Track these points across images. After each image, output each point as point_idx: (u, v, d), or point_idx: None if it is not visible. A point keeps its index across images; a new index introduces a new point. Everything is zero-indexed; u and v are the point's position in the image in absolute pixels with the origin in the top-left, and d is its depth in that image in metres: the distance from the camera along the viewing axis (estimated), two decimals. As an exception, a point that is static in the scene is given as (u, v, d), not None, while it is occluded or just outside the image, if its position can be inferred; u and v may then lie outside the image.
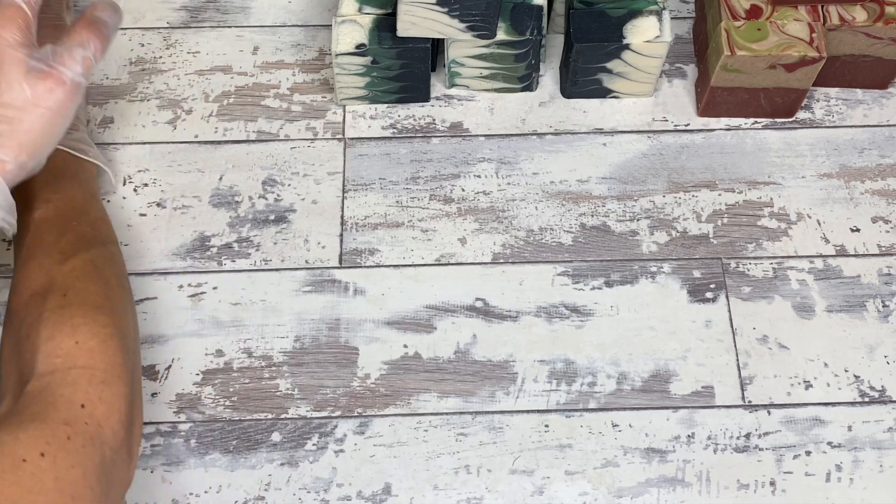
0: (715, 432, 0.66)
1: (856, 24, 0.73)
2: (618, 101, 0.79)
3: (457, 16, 0.71)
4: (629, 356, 0.68)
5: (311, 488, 0.64)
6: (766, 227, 0.73)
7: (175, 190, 0.75)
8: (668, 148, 0.77)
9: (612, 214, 0.74)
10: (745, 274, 0.71)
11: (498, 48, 0.74)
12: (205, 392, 0.67)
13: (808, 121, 0.78)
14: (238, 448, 0.65)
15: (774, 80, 0.74)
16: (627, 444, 0.65)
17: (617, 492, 0.64)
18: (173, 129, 0.77)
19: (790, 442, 0.65)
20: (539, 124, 0.78)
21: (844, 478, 0.64)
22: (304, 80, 0.80)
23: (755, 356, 0.68)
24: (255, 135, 0.77)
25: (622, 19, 0.73)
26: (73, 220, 0.63)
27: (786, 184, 0.75)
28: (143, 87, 0.80)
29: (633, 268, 0.72)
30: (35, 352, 0.54)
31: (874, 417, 0.66)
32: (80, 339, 0.54)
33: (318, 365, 0.68)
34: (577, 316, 0.70)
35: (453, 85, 0.79)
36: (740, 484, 0.64)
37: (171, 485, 0.64)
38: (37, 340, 0.55)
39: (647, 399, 0.67)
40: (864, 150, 0.77)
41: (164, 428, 0.65)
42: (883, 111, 0.79)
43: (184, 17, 0.84)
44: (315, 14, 0.84)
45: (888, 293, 0.71)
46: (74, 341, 0.54)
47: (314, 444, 0.65)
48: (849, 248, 0.73)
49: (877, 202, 0.75)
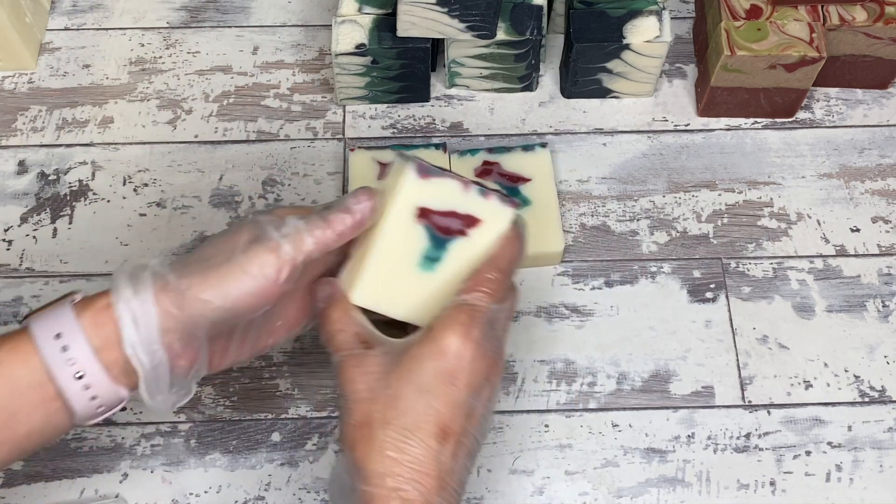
0: (715, 432, 0.66)
1: (856, 24, 0.73)
2: (618, 101, 0.79)
3: (457, 16, 0.71)
4: (629, 356, 0.68)
5: (311, 488, 0.64)
6: (766, 227, 0.73)
7: (175, 190, 0.75)
8: (668, 148, 0.77)
9: (612, 214, 0.74)
10: (745, 274, 0.71)
11: (498, 48, 0.74)
12: (205, 392, 0.67)
13: (808, 121, 0.78)
14: (238, 448, 0.65)
15: (774, 80, 0.74)
16: (627, 444, 0.65)
17: (617, 492, 0.64)
18: (173, 129, 0.77)
19: (790, 442, 0.65)
20: (539, 124, 0.78)
21: (844, 478, 0.64)
22: (304, 80, 0.80)
23: (755, 356, 0.68)
24: (255, 135, 0.77)
25: (622, 19, 0.73)
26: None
27: (786, 184, 0.75)
28: (143, 87, 0.80)
29: (633, 268, 0.72)
30: None
31: (874, 417, 0.66)
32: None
33: (318, 365, 0.68)
34: (577, 316, 0.70)
35: (453, 85, 0.79)
36: (740, 484, 0.64)
37: (171, 485, 0.64)
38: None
39: (647, 399, 0.67)
40: (864, 150, 0.77)
41: (164, 428, 0.66)
42: (883, 111, 0.79)
43: (184, 17, 0.84)
44: (315, 14, 0.84)
45: (888, 293, 0.71)
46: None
47: (314, 444, 0.65)
48: (849, 248, 0.73)
49: (877, 202, 0.75)
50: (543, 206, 0.70)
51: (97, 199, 0.74)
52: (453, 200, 0.54)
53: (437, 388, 0.49)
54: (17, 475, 0.64)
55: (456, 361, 0.50)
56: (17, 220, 0.73)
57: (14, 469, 0.64)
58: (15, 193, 0.74)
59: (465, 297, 0.52)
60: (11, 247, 0.72)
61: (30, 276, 0.71)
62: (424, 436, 0.49)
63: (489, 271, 0.53)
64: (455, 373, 0.50)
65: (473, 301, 0.52)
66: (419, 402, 0.49)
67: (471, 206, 0.55)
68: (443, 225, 0.54)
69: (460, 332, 0.50)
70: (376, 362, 0.51)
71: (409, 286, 0.54)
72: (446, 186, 0.54)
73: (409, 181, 0.53)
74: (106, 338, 0.47)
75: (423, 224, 0.54)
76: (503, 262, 0.54)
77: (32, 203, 0.74)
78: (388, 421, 0.49)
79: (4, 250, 0.72)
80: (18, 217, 0.73)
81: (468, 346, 0.50)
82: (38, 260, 0.71)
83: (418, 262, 0.54)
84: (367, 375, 0.50)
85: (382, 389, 0.50)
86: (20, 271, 0.71)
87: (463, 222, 0.55)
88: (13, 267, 0.71)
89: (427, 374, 0.49)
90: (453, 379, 0.50)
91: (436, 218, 0.54)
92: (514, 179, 0.72)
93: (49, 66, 0.81)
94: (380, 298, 0.54)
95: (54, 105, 0.78)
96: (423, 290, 0.54)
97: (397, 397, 0.49)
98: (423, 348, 0.50)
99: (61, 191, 0.74)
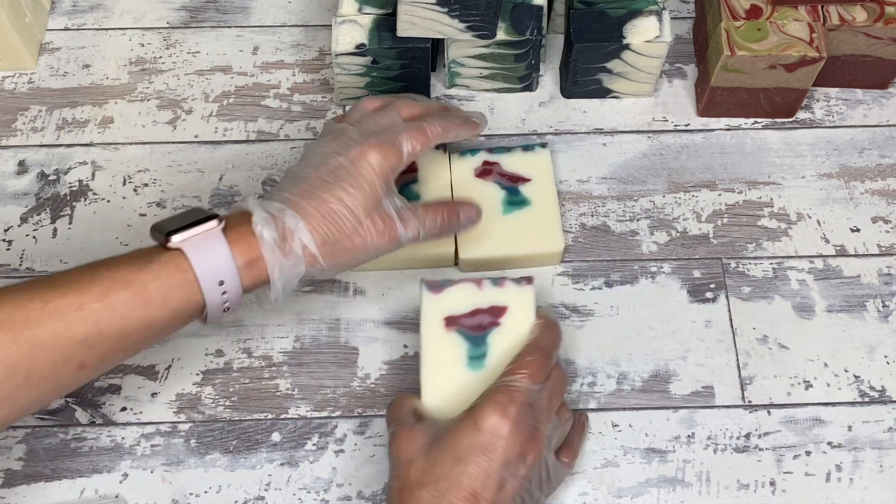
0: (715, 432, 0.66)
1: (856, 24, 0.73)
2: (618, 101, 0.79)
3: (457, 16, 0.71)
4: (629, 356, 0.68)
5: (311, 488, 0.64)
6: (766, 227, 0.73)
7: (175, 190, 0.75)
8: (668, 148, 0.77)
9: (612, 214, 0.74)
10: (745, 274, 0.71)
11: (498, 48, 0.74)
12: (205, 392, 0.67)
13: (808, 121, 0.78)
14: (238, 448, 0.65)
15: (774, 80, 0.74)
16: (627, 444, 0.65)
17: (617, 492, 0.64)
18: (173, 129, 0.77)
19: (790, 442, 0.65)
20: (539, 124, 0.78)
21: (844, 478, 0.64)
22: (304, 80, 0.80)
23: (755, 356, 0.68)
24: (255, 135, 0.77)
25: (622, 19, 0.73)
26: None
27: (786, 184, 0.75)
28: (143, 87, 0.80)
29: (633, 268, 0.72)
30: None
31: (874, 417, 0.66)
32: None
33: (318, 365, 0.68)
34: (577, 316, 0.70)
35: (453, 85, 0.79)
36: (740, 484, 0.64)
37: (171, 485, 0.64)
38: None
39: (647, 399, 0.67)
40: (864, 150, 0.77)
41: (164, 428, 0.66)
42: (883, 111, 0.79)
43: (184, 17, 0.84)
44: (315, 14, 0.84)
45: (888, 293, 0.71)
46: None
47: (314, 444, 0.65)
48: (849, 248, 0.73)
49: (877, 202, 0.75)
50: (543, 206, 0.70)
51: (97, 200, 0.74)
52: (472, 300, 0.62)
53: (471, 458, 0.54)
54: (17, 475, 0.64)
55: (491, 436, 0.55)
56: (17, 220, 0.73)
57: (14, 469, 0.64)
58: (15, 193, 0.74)
59: (505, 380, 0.57)
60: (11, 247, 0.72)
61: (30, 276, 0.71)
62: (455, 498, 0.53)
63: (529, 355, 0.59)
64: (489, 446, 0.54)
65: (512, 382, 0.57)
66: (454, 469, 0.54)
67: (491, 298, 0.62)
68: (473, 324, 0.61)
69: (497, 410, 0.55)
70: (423, 434, 0.57)
71: (467, 388, 0.59)
72: (460, 291, 0.62)
73: (425, 300, 0.61)
74: (251, 266, 0.56)
75: (455, 330, 0.61)
76: (543, 344, 0.60)
77: (32, 203, 0.74)
78: (425, 484, 0.54)
79: (4, 250, 0.72)
80: (18, 217, 0.73)
81: (504, 423, 0.55)
82: (38, 260, 0.71)
83: (466, 364, 0.60)
84: (413, 443, 0.56)
85: (424, 457, 0.55)
86: (20, 271, 0.71)
87: (490, 314, 0.61)
88: (13, 267, 0.71)
89: (463, 445, 0.55)
90: (487, 451, 0.54)
91: (464, 321, 0.61)
92: (514, 179, 0.72)
93: (49, 66, 0.81)
94: (445, 408, 0.59)
95: (54, 105, 0.78)
96: (482, 388, 0.59)
97: (434, 464, 0.54)
98: (462, 423, 0.56)
99: (61, 191, 0.74)
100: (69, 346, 0.51)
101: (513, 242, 0.69)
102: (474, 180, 0.71)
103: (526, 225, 0.69)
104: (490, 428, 0.55)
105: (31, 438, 0.65)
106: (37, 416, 0.65)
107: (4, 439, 0.65)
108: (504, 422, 0.55)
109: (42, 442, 0.65)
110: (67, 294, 0.51)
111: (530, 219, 0.70)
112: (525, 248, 0.69)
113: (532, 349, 0.60)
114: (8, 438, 0.65)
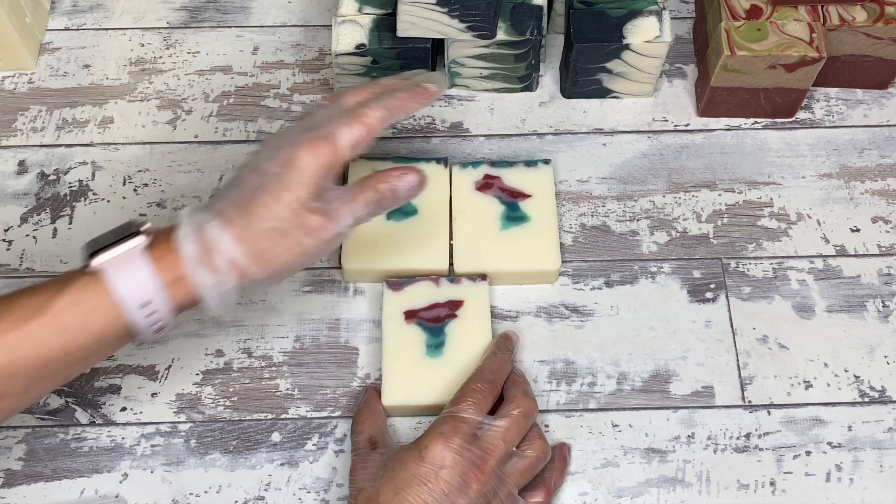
0: (715, 432, 0.66)
1: (856, 24, 0.73)
2: (618, 101, 0.79)
3: (457, 16, 0.71)
4: (629, 356, 0.68)
5: (311, 488, 0.64)
6: (766, 227, 0.73)
7: (175, 190, 0.75)
8: (668, 148, 0.77)
9: (612, 214, 0.74)
10: (744, 274, 0.71)
11: (498, 48, 0.74)
12: (205, 392, 0.67)
13: (808, 121, 0.78)
14: (238, 448, 0.65)
15: (774, 80, 0.74)
16: (627, 444, 0.65)
17: (617, 492, 0.64)
18: (173, 129, 0.77)
19: (790, 442, 0.65)
20: (539, 124, 0.78)
21: (844, 478, 0.64)
22: (304, 80, 0.80)
23: (755, 356, 0.68)
24: (255, 135, 0.77)
25: (622, 19, 0.73)
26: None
27: (786, 184, 0.75)
28: (143, 87, 0.80)
29: (633, 268, 0.72)
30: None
31: (874, 417, 0.66)
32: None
33: (318, 365, 0.68)
34: (577, 316, 0.70)
35: (453, 85, 0.79)
36: (740, 484, 0.64)
37: (171, 485, 0.64)
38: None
39: (647, 399, 0.67)
40: (864, 150, 0.77)
41: (164, 428, 0.66)
42: (883, 111, 0.79)
43: (184, 17, 0.84)
44: (315, 14, 0.84)
45: (888, 293, 0.71)
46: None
47: (314, 444, 0.65)
48: (849, 248, 0.73)
49: (877, 202, 0.75)
50: (542, 223, 0.70)
51: (97, 199, 0.74)
52: (430, 295, 0.67)
53: (411, 488, 0.55)
54: (17, 475, 0.64)
55: (432, 467, 0.56)
56: (17, 220, 0.73)
57: (14, 469, 0.64)
58: (15, 193, 0.74)
59: (452, 409, 0.59)
60: (11, 247, 0.72)
61: (30, 276, 0.71)
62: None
63: (474, 383, 0.61)
64: (430, 476, 0.56)
65: (458, 412, 0.59)
66: (395, 498, 0.55)
67: (448, 294, 0.67)
68: (431, 317, 0.66)
69: (440, 440, 0.57)
70: (375, 462, 0.59)
71: (428, 375, 0.64)
72: (419, 288, 0.67)
73: (386, 297, 0.66)
74: (177, 285, 0.53)
75: (415, 322, 0.66)
76: (488, 374, 0.62)
77: (32, 203, 0.74)
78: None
79: (4, 250, 0.72)
80: (18, 217, 0.73)
81: (447, 453, 0.56)
82: (39, 260, 0.71)
83: (425, 353, 0.65)
84: (365, 471, 0.59)
85: (371, 484, 0.57)
86: (20, 271, 0.71)
87: (448, 308, 0.66)
88: (13, 267, 0.71)
89: (406, 475, 0.56)
90: (428, 481, 0.56)
91: (422, 314, 0.66)
92: (515, 195, 0.71)
93: (49, 66, 0.81)
94: (407, 394, 0.64)
95: (54, 105, 0.78)
96: (441, 373, 0.64)
97: (378, 492, 0.56)
98: (408, 453, 0.57)
99: (61, 191, 0.74)
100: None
101: (508, 258, 0.69)
102: (474, 193, 0.71)
103: (523, 241, 0.69)
104: (432, 459, 0.56)
105: (31, 438, 0.65)
106: (37, 416, 0.66)
107: (4, 439, 0.65)
108: (447, 452, 0.56)
109: (42, 442, 0.65)
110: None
111: (528, 235, 0.69)
112: (520, 265, 0.69)
113: (477, 377, 0.61)
114: (8, 438, 0.65)
